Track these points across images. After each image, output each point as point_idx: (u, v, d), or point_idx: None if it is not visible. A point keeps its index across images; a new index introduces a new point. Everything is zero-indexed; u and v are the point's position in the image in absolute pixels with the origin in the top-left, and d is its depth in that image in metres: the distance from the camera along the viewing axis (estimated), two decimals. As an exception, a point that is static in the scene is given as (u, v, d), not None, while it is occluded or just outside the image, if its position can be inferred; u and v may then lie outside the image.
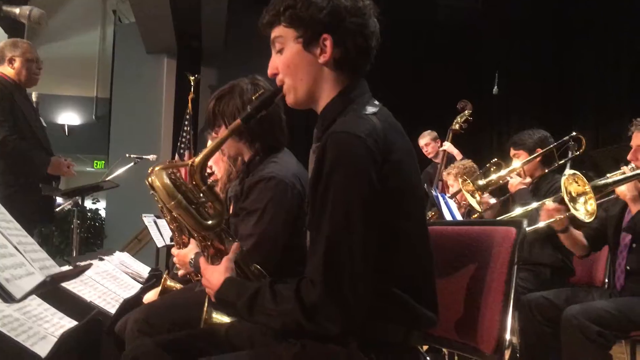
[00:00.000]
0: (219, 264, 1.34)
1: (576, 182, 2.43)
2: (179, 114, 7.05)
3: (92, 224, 8.39)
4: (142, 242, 5.83)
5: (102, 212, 8.84)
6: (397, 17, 5.80)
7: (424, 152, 5.36)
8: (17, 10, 2.58)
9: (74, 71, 10.05)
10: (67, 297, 2.09)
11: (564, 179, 2.45)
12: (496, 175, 3.42)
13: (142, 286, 2.67)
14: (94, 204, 8.91)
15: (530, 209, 2.83)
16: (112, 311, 2.18)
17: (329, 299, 1.14)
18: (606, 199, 2.67)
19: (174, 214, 1.39)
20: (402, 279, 1.24)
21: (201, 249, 1.44)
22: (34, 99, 3.83)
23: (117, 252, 3.19)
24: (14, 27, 6.40)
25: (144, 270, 3.16)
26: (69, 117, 10.26)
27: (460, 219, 3.51)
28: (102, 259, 2.77)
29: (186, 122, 6.60)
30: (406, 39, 7.14)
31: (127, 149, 4.99)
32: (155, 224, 4.41)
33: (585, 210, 2.41)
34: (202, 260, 1.39)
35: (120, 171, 4.39)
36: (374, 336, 1.23)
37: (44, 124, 3.78)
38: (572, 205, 2.43)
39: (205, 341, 1.44)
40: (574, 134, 3.30)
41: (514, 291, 1.41)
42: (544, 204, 2.73)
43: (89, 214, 8.33)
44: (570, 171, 2.53)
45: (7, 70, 3.53)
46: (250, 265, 1.41)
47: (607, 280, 3.02)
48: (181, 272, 2.08)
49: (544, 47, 6.88)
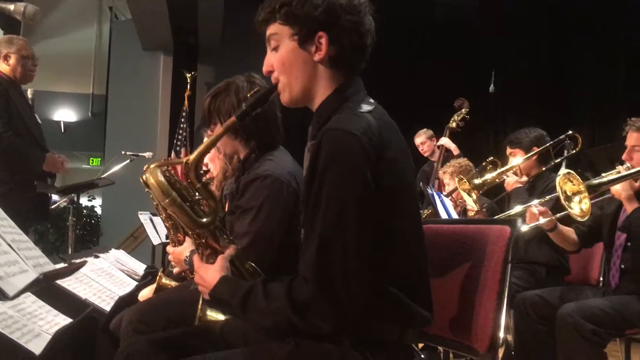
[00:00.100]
0: (214, 261, 1.34)
1: (571, 182, 2.44)
2: (176, 111, 7.04)
3: (88, 221, 8.37)
4: (138, 239, 5.83)
5: (98, 210, 8.82)
6: (394, 14, 5.80)
7: (420, 151, 5.35)
8: (11, 6, 2.56)
9: (70, 68, 10.03)
10: (62, 294, 2.09)
11: (558, 179, 2.45)
12: (492, 174, 3.42)
13: (137, 284, 2.66)
14: (89, 201, 8.89)
15: (527, 207, 2.83)
16: (108, 309, 2.17)
17: (320, 296, 1.14)
18: (601, 198, 2.67)
19: (168, 212, 1.39)
20: (397, 277, 1.24)
21: (196, 247, 1.44)
22: (29, 96, 3.81)
23: (113, 249, 3.19)
24: (10, 24, 6.38)
25: (140, 267, 3.16)
26: (65, 114, 10.25)
27: (456, 217, 3.51)
28: (97, 257, 2.77)
29: (182, 120, 6.59)
30: (403, 36, 7.13)
31: (123, 146, 4.98)
32: (151, 221, 4.41)
33: (579, 209, 2.42)
34: (196, 258, 1.38)
35: (116, 168, 4.39)
36: (369, 334, 1.23)
37: (39, 121, 3.76)
38: (567, 204, 2.43)
39: (199, 339, 1.44)
40: (570, 132, 3.30)
41: (508, 289, 1.42)
42: (530, 207, 2.74)
43: (84, 212, 8.31)
44: (564, 170, 2.53)
45: (3, 67, 3.52)
46: (245, 263, 1.41)
47: (601, 278, 3.03)
48: (176, 270, 2.08)
49: (541, 45, 6.88)
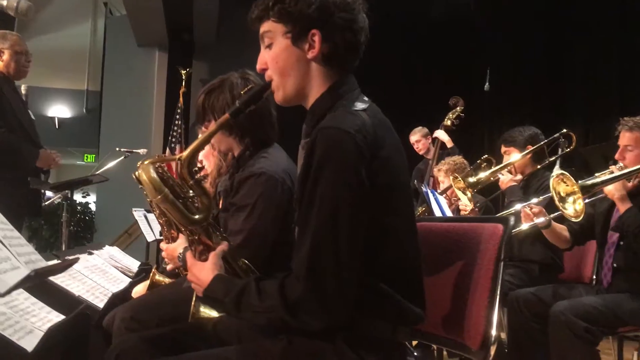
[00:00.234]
0: (206, 258, 1.34)
1: (564, 182, 2.44)
2: (170, 107, 7.02)
3: (82, 217, 8.35)
4: (133, 236, 5.83)
5: (93, 206, 8.80)
6: (389, 12, 5.80)
7: (415, 149, 5.35)
8: (4, 2, 2.55)
9: (65, 64, 10.00)
10: (55, 291, 2.08)
11: (552, 180, 2.46)
12: (487, 172, 3.43)
13: (131, 280, 2.66)
14: (83, 197, 8.87)
15: (527, 205, 2.84)
16: (101, 305, 2.16)
17: (312, 295, 1.14)
18: (594, 198, 2.68)
19: (161, 208, 1.39)
20: (390, 274, 1.24)
21: (189, 244, 1.44)
22: (23, 92, 3.80)
23: (107, 246, 3.18)
24: (3, 20, 6.32)
25: (134, 264, 3.15)
26: (59, 110, 10.22)
27: (450, 215, 3.52)
28: (91, 253, 2.76)
29: (177, 116, 6.58)
30: (398, 34, 7.13)
31: (117, 143, 4.97)
32: (145, 218, 4.40)
33: (574, 209, 2.42)
34: (189, 255, 1.38)
35: (110, 165, 4.38)
36: (362, 332, 1.23)
37: (33, 117, 3.75)
38: (562, 205, 2.44)
39: (192, 336, 1.44)
40: (565, 131, 3.32)
41: (502, 287, 1.42)
42: (524, 207, 2.75)
43: (79, 208, 8.29)
44: (558, 171, 2.53)
45: (-4, 62, 3.50)
46: (238, 260, 1.41)
47: (594, 277, 3.04)
48: (170, 267, 2.08)
49: (536, 44, 6.88)
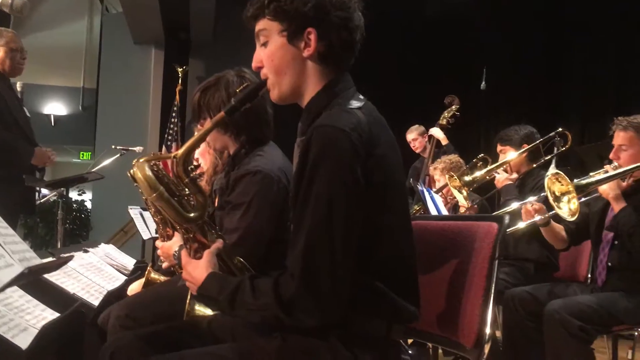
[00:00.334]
0: (201, 256, 1.34)
1: (559, 182, 2.44)
2: (167, 105, 7.00)
3: (78, 215, 8.33)
4: (128, 234, 5.82)
5: (89, 204, 8.78)
6: (385, 10, 5.79)
7: (412, 147, 5.35)
8: (-1, -1, 2.54)
9: (61, 61, 9.97)
10: (49, 289, 2.07)
11: (547, 180, 2.46)
12: (482, 170, 3.44)
13: (126, 278, 2.65)
14: (79, 195, 8.84)
15: (523, 203, 2.84)
16: (96, 303, 2.16)
17: (306, 293, 1.14)
18: (589, 197, 2.69)
19: (156, 206, 1.39)
20: (384, 272, 1.25)
21: (184, 242, 1.43)
22: (18, 89, 3.78)
23: (102, 244, 3.17)
24: (-1, 16, 6.31)
25: (130, 262, 3.14)
26: (55, 108, 10.18)
27: (446, 214, 3.52)
28: (86, 251, 2.75)
29: (173, 114, 6.56)
30: (394, 32, 7.12)
31: (113, 140, 4.95)
32: (141, 216, 4.39)
33: (568, 209, 2.42)
34: (184, 253, 1.38)
35: (106, 163, 4.36)
36: (356, 330, 1.24)
37: (28, 114, 3.73)
38: (556, 204, 2.44)
39: (187, 334, 1.43)
40: (560, 130, 3.33)
41: (498, 286, 1.42)
42: (526, 204, 2.76)
43: (74, 206, 8.27)
44: (553, 170, 2.54)
45: (-9, 59, 3.49)
46: (233, 258, 1.41)
47: (589, 275, 3.05)
48: (165, 265, 2.07)
49: (532, 43, 6.89)
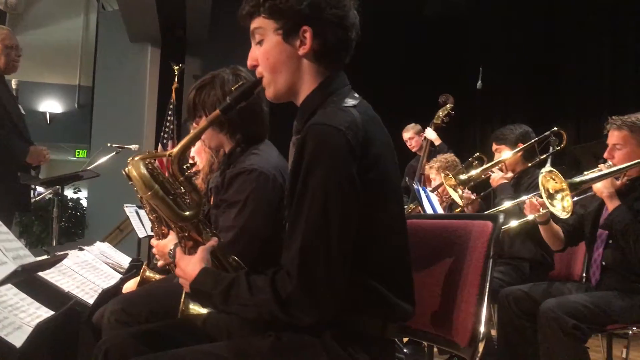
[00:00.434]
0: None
1: (553, 179, 2.45)
2: (163, 103, 6.98)
3: (74, 213, 8.30)
4: (124, 232, 5.81)
5: (84, 202, 8.76)
6: (382, 9, 5.79)
7: (408, 146, 5.36)
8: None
9: (57, 58, 9.93)
10: (44, 287, 2.07)
11: (541, 177, 2.48)
12: (478, 169, 3.45)
13: (122, 276, 2.65)
14: (75, 193, 8.82)
15: (517, 202, 2.85)
16: (91, 301, 2.16)
17: (303, 291, 1.14)
18: (583, 195, 2.70)
19: (151, 204, 1.38)
20: (380, 271, 1.25)
21: (179, 240, 1.43)
22: (13, 86, 3.77)
23: (98, 242, 3.16)
24: (-5, 13, 6.30)
25: (125, 260, 3.13)
26: (51, 105, 10.14)
27: (441, 212, 3.53)
28: (81, 249, 2.75)
29: (170, 112, 6.54)
30: (389, 31, 7.12)
31: (109, 138, 4.94)
32: (137, 214, 4.38)
33: (562, 206, 2.44)
34: (178, 251, 1.38)
35: (101, 160, 4.35)
36: (351, 328, 1.24)
37: (23, 112, 3.72)
38: (550, 202, 2.46)
39: (181, 332, 1.44)
40: (555, 129, 3.34)
41: (492, 284, 1.43)
42: (526, 200, 2.76)
43: (70, 204, 8.25)
44: (547, 168, 2.55)
45: (-15, 57, 3.48)
46: (227, 256, 1.41)
47: (584, 274, 3.06)
48: (160, 263, 2.07)
49: (529, 43, 6.91)
